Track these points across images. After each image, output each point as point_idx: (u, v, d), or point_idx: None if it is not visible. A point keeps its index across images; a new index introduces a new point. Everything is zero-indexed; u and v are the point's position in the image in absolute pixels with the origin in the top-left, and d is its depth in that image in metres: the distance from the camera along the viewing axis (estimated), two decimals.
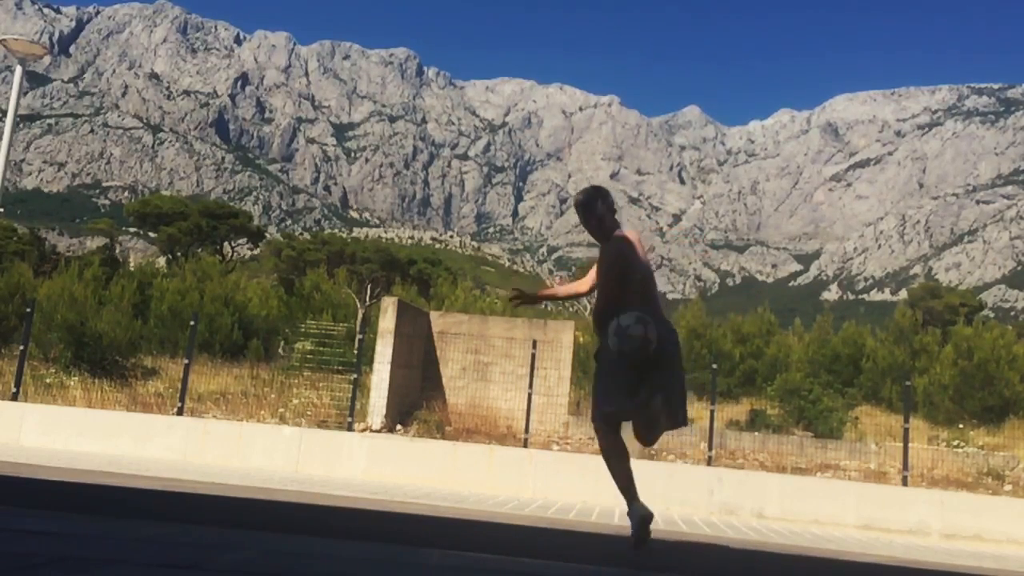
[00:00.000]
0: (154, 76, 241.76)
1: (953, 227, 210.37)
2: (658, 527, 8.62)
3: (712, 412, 12.85)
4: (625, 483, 5.00)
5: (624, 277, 5.13)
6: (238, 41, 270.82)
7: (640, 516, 4.87)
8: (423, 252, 64.68)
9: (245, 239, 51.64)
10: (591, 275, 5.47)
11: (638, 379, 4.86)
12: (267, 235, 62.72)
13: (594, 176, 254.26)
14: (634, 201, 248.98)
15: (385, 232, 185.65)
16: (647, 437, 5.15)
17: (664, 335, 4.95)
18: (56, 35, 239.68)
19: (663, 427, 5.04)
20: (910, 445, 12.07)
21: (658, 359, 4.88)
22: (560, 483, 10.75)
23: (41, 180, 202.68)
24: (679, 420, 5.04)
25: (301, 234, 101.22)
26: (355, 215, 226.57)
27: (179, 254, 43.95)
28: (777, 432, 16.50)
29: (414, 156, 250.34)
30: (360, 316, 22.09)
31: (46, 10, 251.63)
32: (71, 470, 8.54)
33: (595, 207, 5.26)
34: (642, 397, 4.87)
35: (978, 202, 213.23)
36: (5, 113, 15.07)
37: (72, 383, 14.90)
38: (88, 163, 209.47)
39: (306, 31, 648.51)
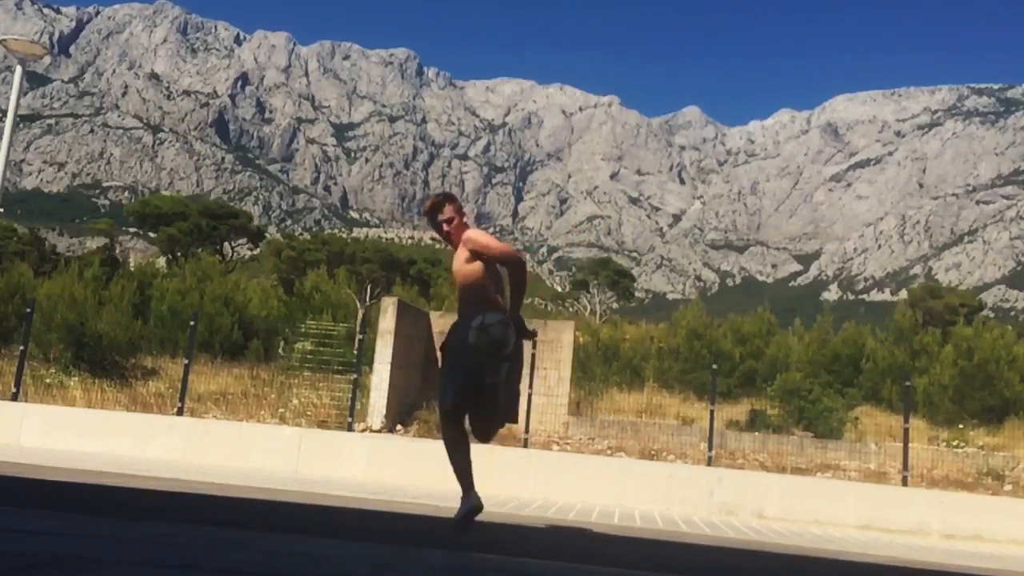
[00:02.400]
0: (154, 76, 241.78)
1: (953, 227, 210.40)
2: (658, 527, 8.63)
3: (712, 412, 12.84)
4: (461, 472, 5.28)
5: (482, 272, 5.32)
6: (238, 41, 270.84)
7: (471, 507, 5.19)
8: (423, 252, 64.64)
9: (245, 239, 51.65)
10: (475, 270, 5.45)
11: (479, 376, 5.09)
12: (267, 235, 62.68)
13: (594, 176, 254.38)
14: (634, 201, 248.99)
15: (385, 232, 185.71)
16: (484, 432, 5.42)
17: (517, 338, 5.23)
18: (56, 35, 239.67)
19: (499, 423, 5.36)
20: (910, 445, 12.07)
21: (505, 358, 5.15)
22: (560, 483, 10.75)
23: (41, 180, 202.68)
24: (512, 417, 5.45)
25: (301, 234, 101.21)
26: (355, 215, 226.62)
27: (179, 254, 43.95)
28: (777, 432, 16.50)
29: (414, 156, 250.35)
30: (360, 316, 22.09)
31: (46, 10, 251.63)
32: (71, 470, 8.54)
33: (443, 208, 5.54)
34: (485, 393, 5.11)
35: (978, 202, 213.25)
36: (5, 113, 15.07)
37: (72, 383, 14.90)
38: (88, 163, 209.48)
39: (306, 31, 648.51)
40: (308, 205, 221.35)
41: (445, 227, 5.53)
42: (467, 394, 5.15)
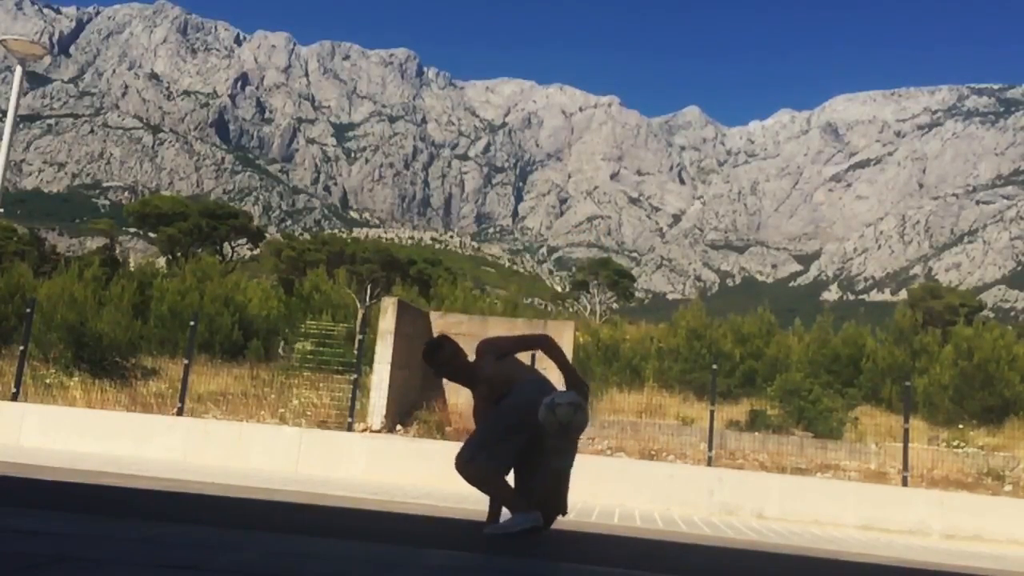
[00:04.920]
0: (154, 76, 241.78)
1: (953, 227, 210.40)
2: (658, 527, 8.63)
3: (712, 412, 12.85)
4: (506, 497, 5.01)
5: (513, 361, 5.19)
6: (238, 41, 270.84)
7: (534, 524, 4.88)
8: (423, 252, 64.77)
9: (245, 239, 51.66)
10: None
11: (527, 449, 4.87)
12: (267, 235, 62.70)
13: (594, 176, 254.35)
14: (634, 201, 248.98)
15: (385, 232, 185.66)
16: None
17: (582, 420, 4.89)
18: (56, 35, 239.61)
19: (551, 511, 5.05)
20: (910, 445, 12.08)
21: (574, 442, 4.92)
22: None
23: (41, 180, 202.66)
24: (563, 508, 5.08)
25: (301, 234, 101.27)
26: (355, 215, 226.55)
27: (179, 254, 43.97)
28: (777, 432, 16.51)
29: (414, 156, 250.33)
30: (360, 316, 22.12)
31: (46, 10, 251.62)
32: (71, 470, 8.54)
33: (445, 347, 5.22)
34: (549, 476, 4.89)
35: (978, 202, 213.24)
36: (5, 113, 15.07)
37: (72, 383, 14.90)
38: (88, 163, 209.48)
39: (306, 31, 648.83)
40: (308, 205, 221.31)
41: (453, 363, 5.18)
42: (506, 466, 4.95)
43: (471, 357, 5.24)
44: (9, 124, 13.84)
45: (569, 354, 15.60)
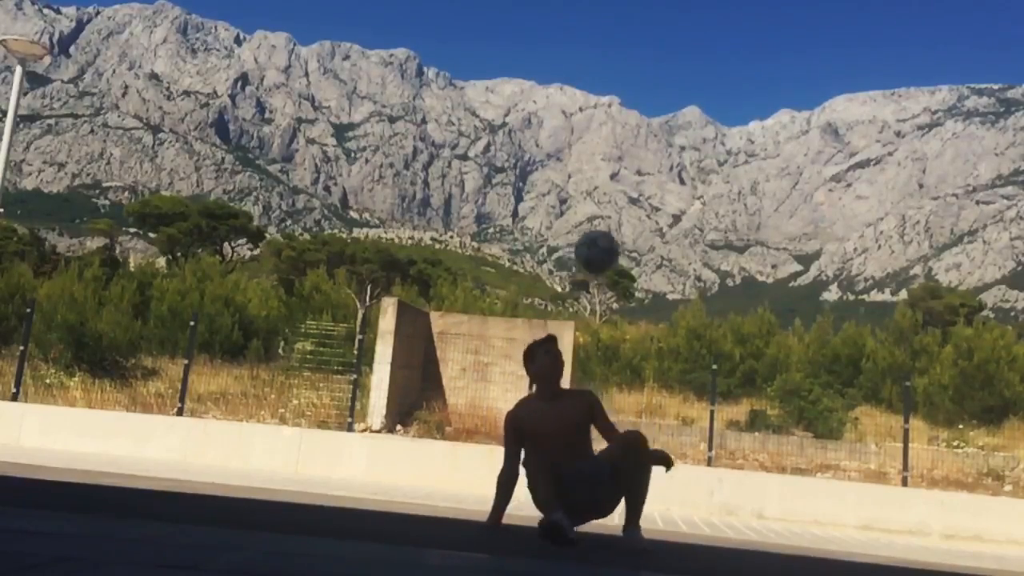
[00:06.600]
0: (154, 76, 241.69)
1: (953, 227, 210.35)
2: (658, 527, 8.63)
3: (712, 412, 12.84)
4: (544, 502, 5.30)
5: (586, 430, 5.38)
6: (238, 41, 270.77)
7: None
8: (423, 252, 64.81)
9: (245, 239, 51.62)
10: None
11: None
12: (267, 235, 62.67)
13: (594, 176, 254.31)
14: (634, 201, 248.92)
15: (385, 232, 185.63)
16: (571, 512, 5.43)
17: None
18: (56, 35, 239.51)
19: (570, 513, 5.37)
20: (910, 446, 12.08)
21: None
22: None
23: (41, 180, 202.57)
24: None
25: (301, 234, 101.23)
26: (355, 215, 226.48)
27: (179, 254, 43.95)
28: (777, 432, 16.51)
29: (414, 156, 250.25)
30: (360, 316, 22.12)
31: (46, 10, 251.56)
32: (71, 470, 8.54)
33: (556, 347, 5.42)
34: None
35: (978, 202, 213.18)
36: (5, 113, 15.07)
37: (72, 383, 14.91)
38: (88, 163, 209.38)
39: (306, 31, 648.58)
40: (308, 205, 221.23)
41: (555, 367, 5.36)
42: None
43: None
44: (9, 124, 13.84)
45: (569, 354, 15.62)
